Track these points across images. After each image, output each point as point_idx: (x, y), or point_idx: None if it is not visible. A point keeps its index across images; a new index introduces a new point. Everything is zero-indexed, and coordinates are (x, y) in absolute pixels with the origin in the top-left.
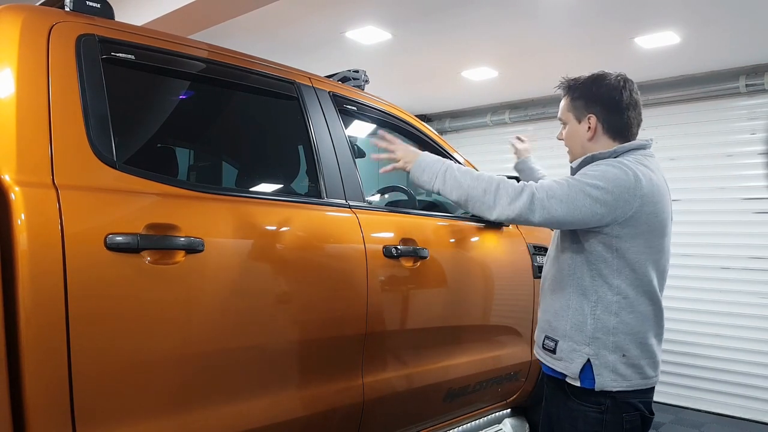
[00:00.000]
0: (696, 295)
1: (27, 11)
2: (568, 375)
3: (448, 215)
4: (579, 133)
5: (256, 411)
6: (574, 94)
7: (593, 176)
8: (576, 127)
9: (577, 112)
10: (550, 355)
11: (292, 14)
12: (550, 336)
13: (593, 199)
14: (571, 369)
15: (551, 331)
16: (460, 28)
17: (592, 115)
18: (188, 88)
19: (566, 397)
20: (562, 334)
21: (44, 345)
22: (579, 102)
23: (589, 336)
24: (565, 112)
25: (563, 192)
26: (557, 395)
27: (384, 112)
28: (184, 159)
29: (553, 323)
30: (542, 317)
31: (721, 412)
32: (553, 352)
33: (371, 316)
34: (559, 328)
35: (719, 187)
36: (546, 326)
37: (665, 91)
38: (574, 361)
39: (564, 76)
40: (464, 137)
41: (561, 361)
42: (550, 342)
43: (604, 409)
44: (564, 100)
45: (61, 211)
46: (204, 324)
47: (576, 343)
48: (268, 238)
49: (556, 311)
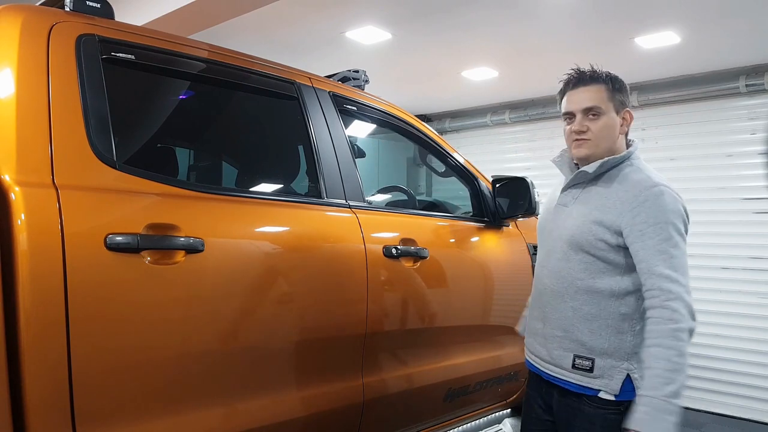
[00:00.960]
0: (696, 295)
1: (27, 11)
2: (604, 391)
3: (448, 215)
4: (616, 126)
5: (256, 411)
6: (615, 86)
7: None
8: (615, 120)
9: (617, 104)
10: (583, 374)
11: (292, 14)
12: (582, 355)
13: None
14: (612, 386)
15: (584, 350)
16: (461, 28)
17: (629, 111)
18: (188, 88)
19: (580, 403)
20: (600, 352)
21: (44, 345)
22: (619, 95)
23: (629, 352)
24: (606, 101)
25: (684, 272)
26: (567, 403)
27: (384, 112)
28: (184, 159)
29: (587, 343)
30: (563, 335)
31: (721, 412)
32: (590, 371)
33: (371, 316)
34: (596, 346)
35: (719, 187)
36: (574, 346)
37: (665, 91)
38: (614, 378)
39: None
40: (464, 137)
41: (599, 379)
42: (584, 362)
43: (623, 409)
44: (600, 87)
45: (61, 211)
46: (204, 324)
47: (615, 360)
48: (268, 239)
49: (592, 330)
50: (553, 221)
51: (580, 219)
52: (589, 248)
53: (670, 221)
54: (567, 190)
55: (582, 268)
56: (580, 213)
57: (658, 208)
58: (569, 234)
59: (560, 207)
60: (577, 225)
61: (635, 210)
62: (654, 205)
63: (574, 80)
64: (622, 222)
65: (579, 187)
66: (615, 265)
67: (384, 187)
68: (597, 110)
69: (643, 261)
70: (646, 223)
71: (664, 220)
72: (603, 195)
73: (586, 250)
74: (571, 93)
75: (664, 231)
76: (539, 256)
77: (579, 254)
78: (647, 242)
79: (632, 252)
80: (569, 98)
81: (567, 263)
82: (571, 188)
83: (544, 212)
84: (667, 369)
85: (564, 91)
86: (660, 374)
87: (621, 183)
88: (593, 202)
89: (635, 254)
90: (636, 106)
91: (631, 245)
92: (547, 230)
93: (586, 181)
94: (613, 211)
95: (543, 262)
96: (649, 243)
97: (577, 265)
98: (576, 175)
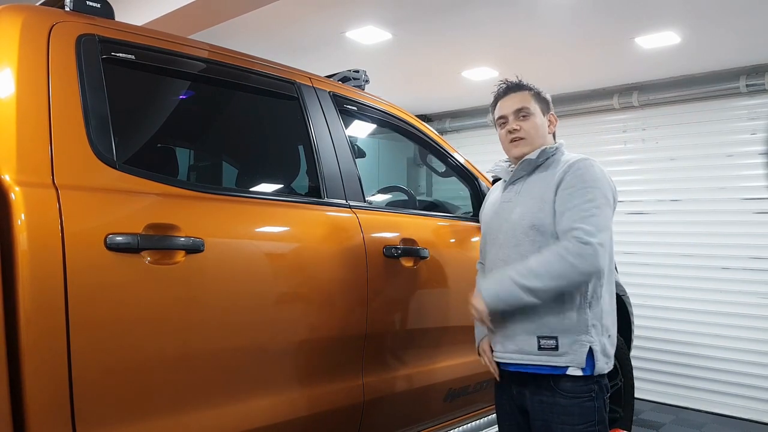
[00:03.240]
0: (696, 295)
1: (27, 11)
2: (572, 366)
3: (449, 215)
4: (544, 125)
5: (255, 411)
6: (538, 92)
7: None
8: (543, 120)
9: (543, 107)
10: (549, 354)
11: (292, 14)
12: (545, 335)
13: (610, 208)
14: (577, 360)
15: (546, 330)
16: (460, 28)
17: (553, 114)
18: (188, 88)
19: (553, 395)
20: (561, 330)
21: (44, 345)
22: (543, 99)
23: (588, 325)
24: (533, 103)
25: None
26: (540, 400)
27: (384, 112)
28: (184, 159)
29: (548, 322)
30: (524, 318)
31: (721, 412)
32: (554, 349)
33: (371, 316)
34: (557, 325)
35: (719, 187)
36: (535, 327)
37: (665, 91)
38: (577, 352)
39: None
40: (464, 137)
41: (565, 356)
42: (549, 341)
43: (594, 395)
44: (525, 93)
45: (61, 211)
46: (204, 324)
47: (576, 335)
48: (268, 239)
49: (550, 308)
50: (498, 218)
51: (528, 204)
52: (538, 227)
53: (597, 186)
54: (509, 188)
55: (534, 249)
56: (525, 200)
57: (588, 174)
58: (517, 220)
59: (504, 204)
60: (525, 210)
61: (567, 177)
62: (585, 172)
63: (504, 89)
64: (557, 190)
65: (520, 182)
66: None
67: (384, 187)
68: (526, 111)
69: (568, 219)
70: (574, 186)
71: (592, 185)
72: (543, 178)
73: (536, 230)
74: (503, 100)
75: (590, 193)
76: (490, 255)
77: (529, 235)
78: (574, 201)
79: (559, 213)
80: (501, 105)
81: (517, 248)
82: (511, 185)
83: (488, 215)
84: (538, 271)
85: (495, 101)
86: (532, 269)
87: (558, 165)
88: (536, 188)
89: (561, 214)
90: (636, 106)
91: (559, 206)
92: (493, 229)
93: (527, 173)
94: (552, 186)
95: (495, 256)
96: (576, 202)
97: (528, 246)
98: (520, 165)
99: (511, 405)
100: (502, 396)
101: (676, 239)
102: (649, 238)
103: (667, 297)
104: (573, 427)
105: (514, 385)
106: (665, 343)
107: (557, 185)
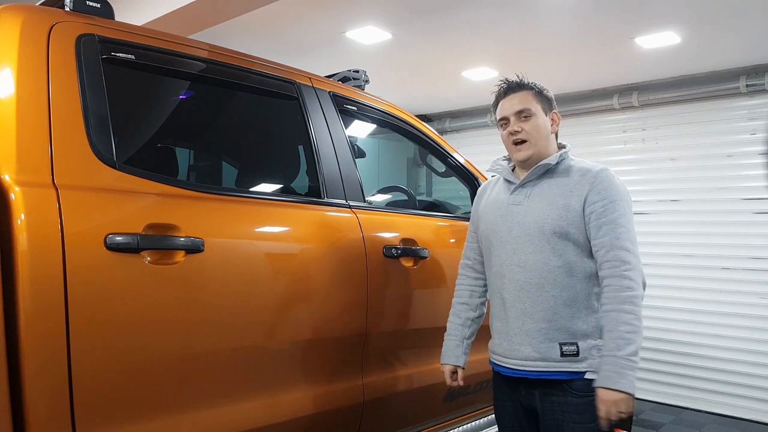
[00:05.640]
0: (696, 295)
1: (27, 11)
2: (590, 371)
3: (449, 215)
4: (547, 126)
5: (255, 411)
6: (540, 90)
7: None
8: (545, 120)
9: (545, 106)
10: (570, 360)
11: (292, 14)
12: (567, 341)
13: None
14: (595, 365)
15: (568, 336)
16: (460, 28)
17: (556, 113)
18: (188, 88)
19: (564, 395)
20: (581, 335)
21: (44, 345)
22: (545, 98)
23: (601, 329)
24: (534, 103)
25: (632, 233)
26: (552, 401)
27: (384, 112)
28: (184, 159)
29: (570, 328)
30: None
31: (721, 412)
32: (575, 355)
33: (371, 316)
34: (578, 330)
35: (719, 187)
36: (558, 334)
37: (665, 91)
38: (595, 357)
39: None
40: (464, 137)
41: (584, 361)
42: (570, 347)
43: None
44: (527, 92)
45: (61, 211)
46: (204, 324)
47: (593, 339)
48: (268, 239)
49: (572, 315)
50: (506, 221)
51: (546, 209)
52: (561, 234)
53: (624, 199)
54: (518, 190)
55: (557, 255)
56: (542, 205)
57: (613, 187)
58: (538, 226)
59: (512, 207)
60: (544, 215)
61: (594, 190)
62: (609, 185)
63: (505, 89)
64: (585, 202)
65: (529, 185)
66: (584, 248)
67: (384, 187)
68: (528, 112)
69: (606, 235)
70: (605, 200)
71: (619, 198)
72: (561, 184)
73: (558, 237)
74: (504, 101)
75: (621, 207)
76: (496, 259)
77: (551, 242)
78: (609, 217)
79: (593, 227)
80: (502, 106)
81: (541, 254)
82: (520, 188)
83: (490, 215)
84: (627, 331)
85: (497, 102)
86: (622, 336)
87: (572, 172)
88: (553, 192)
89: (597, 229)
90: (636, 106)
91: (594, 221)
92: (504, 231)
93: (535, 177)
94: (575, 195)
95: (508, 260)
96: (611, 218)
97: (551, 253)
98: (535, 169)
99: (515, 405)
100: (504, 397)
101: (676, 239)
102: (649, 238)
103: (667, 297)
104: (585, 425)
105: (522, 386)
106: (665, 343)
107: (584, 197)
